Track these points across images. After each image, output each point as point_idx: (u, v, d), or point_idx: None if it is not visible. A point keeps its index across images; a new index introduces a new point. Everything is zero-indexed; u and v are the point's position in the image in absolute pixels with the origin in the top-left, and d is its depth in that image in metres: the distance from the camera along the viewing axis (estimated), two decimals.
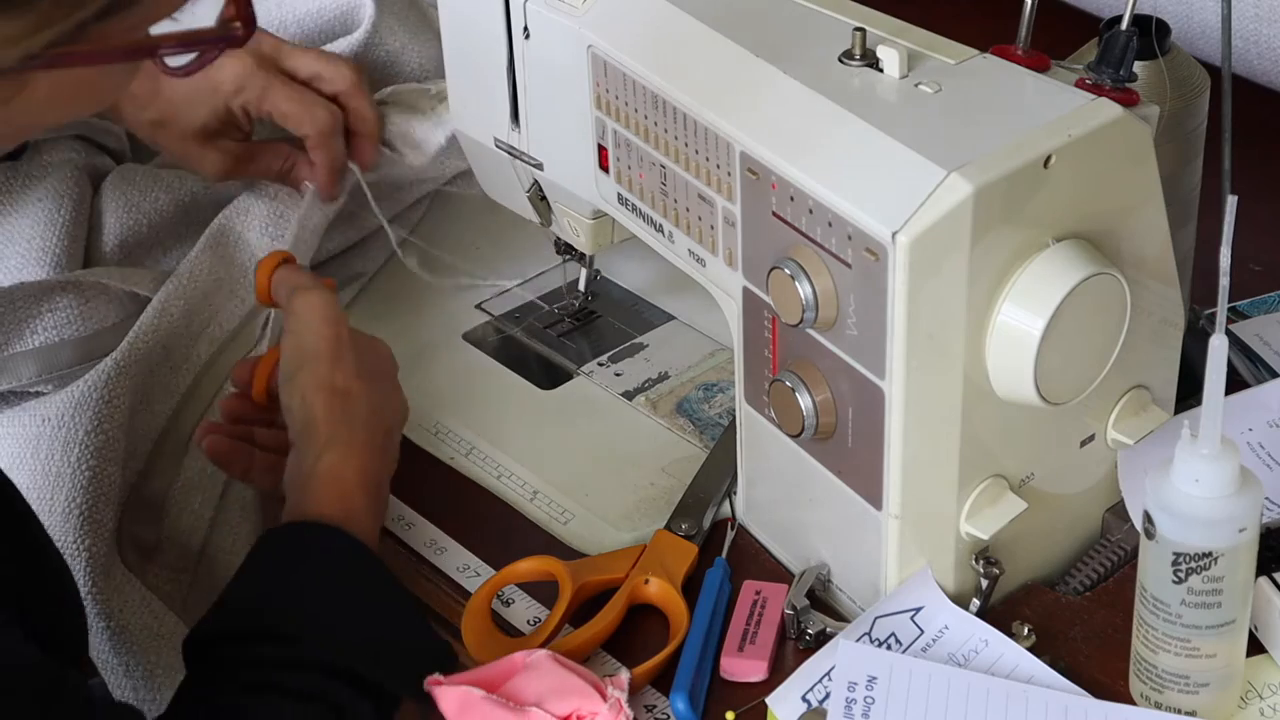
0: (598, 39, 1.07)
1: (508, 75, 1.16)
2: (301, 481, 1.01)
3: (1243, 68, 1.40)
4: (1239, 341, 1.18)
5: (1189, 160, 1.09)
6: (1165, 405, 1.04)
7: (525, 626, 1.05)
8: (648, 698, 0.99)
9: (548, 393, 1.24)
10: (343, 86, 1.26)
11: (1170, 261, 1.00)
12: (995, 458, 0.97)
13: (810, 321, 0.94)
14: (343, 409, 1.03)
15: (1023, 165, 0.89)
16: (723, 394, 1.21)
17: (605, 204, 1.13)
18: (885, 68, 0.96)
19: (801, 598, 1.01)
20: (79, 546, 1.11)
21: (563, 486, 1.15)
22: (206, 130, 1.25)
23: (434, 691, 0.94)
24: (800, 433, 0.98)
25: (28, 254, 1.24)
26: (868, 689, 0.93)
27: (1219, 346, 0.85)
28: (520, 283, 1.34)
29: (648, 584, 1.05)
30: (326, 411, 1.03)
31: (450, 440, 1.20)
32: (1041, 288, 0.91)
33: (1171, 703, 0.93)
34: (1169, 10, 1.36)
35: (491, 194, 1.28)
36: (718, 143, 0.99)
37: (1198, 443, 0.87)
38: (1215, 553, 0.88)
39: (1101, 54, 0.97)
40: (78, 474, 1.12)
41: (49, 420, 1.13)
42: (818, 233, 0.93)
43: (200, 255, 1.24)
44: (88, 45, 0.72)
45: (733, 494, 1.11)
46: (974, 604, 0.99)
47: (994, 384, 0.93)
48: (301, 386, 1.04)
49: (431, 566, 1.10)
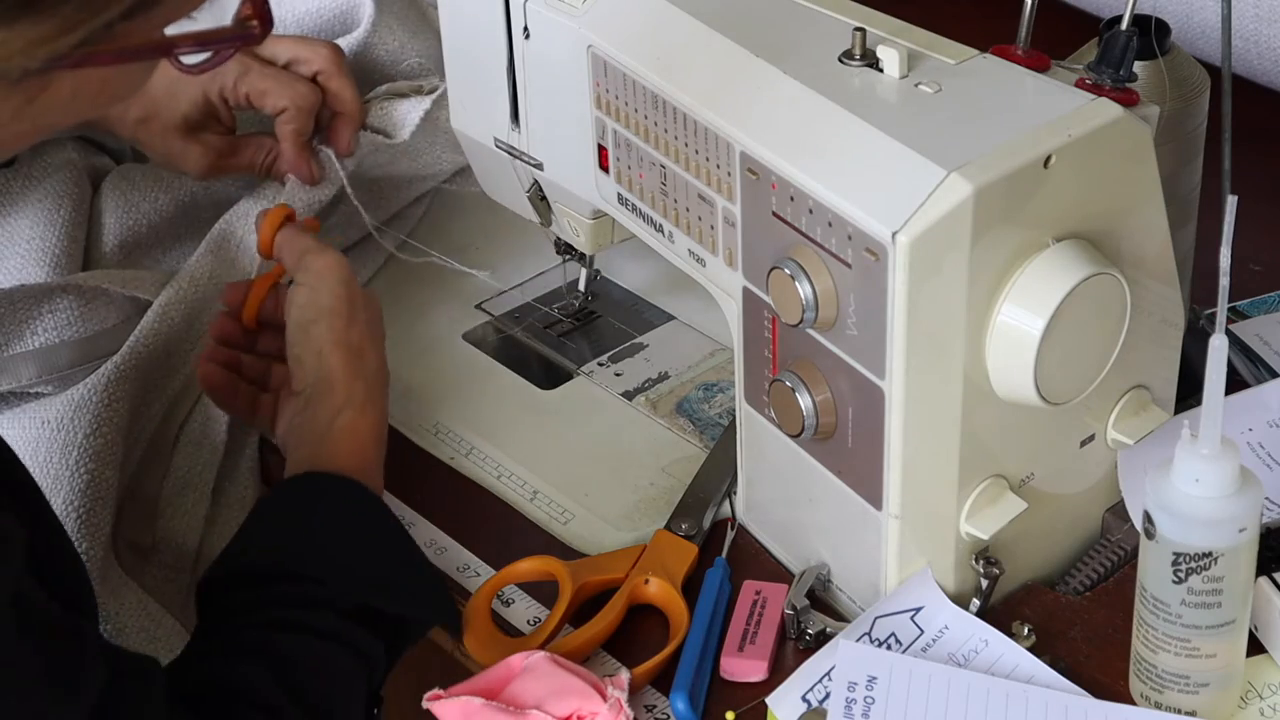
0: (598, 39, 1.07)
1: (508, 75, 1.16)
2: (318, 436, 1.04)
3: (1243, 68, 1.40)
4: (1239, 341, 1.18)
5: (1189, 160, 1.09)
6: (1165, 405, 1.04)
7: (525, 626, 1.05)
8: (648, 698, 0.99)
9: (548, 393, 1.24)
10: (321, 66, 1.27)
11: (1170, 261, 1.00)
12: (995, 458, 0.97)
13: (810, 321, 0.94)
14: (358, 366, 1.06)
15: (1023, 165, 0.89)
16: (723, 394, 1.21)
17: (605, 204, 1.13)
18: (885, 68, 0.96)
19: (801, 598, 1.01)
20: (76, 549, 1.11)
21: (563, 486, 1.15)
22: (188, 123, 1.26)
23: (433, 706, 0.95)
24: (800, 433, 0.98)
25: (27, 254, 1.24)
26: (868, 689, 0.93)
27: (1219, 346, 0.85)
28: (520, 283, 1.34)
29: (648, 584, 1.05)
30: (344, 369, 1.05)
31: (450, 440, 1.20)
32: (1041, 288, 0.91)
33: (1171, 703, 0.93)
34: (1169, 10, 1.36)
35: (491, 194, 1.28)
36: (718, 143, 0.99)
37: (1198, 443, 0.87)
38: (1215, 553, 0.88)
39: (1101, 54, 0.97)
40: (76, 477, 1.12)
41: (48, 423, 1.13)
42: (818, 233, 0.93)
43: (201, 259, 1.24)
44: (112, 45, 0.73)
45: (733, 494, 1.11)
46: (974, 604, 0.99)
47: (994, 384, 0.93)
48: (318, 340, 1.06)
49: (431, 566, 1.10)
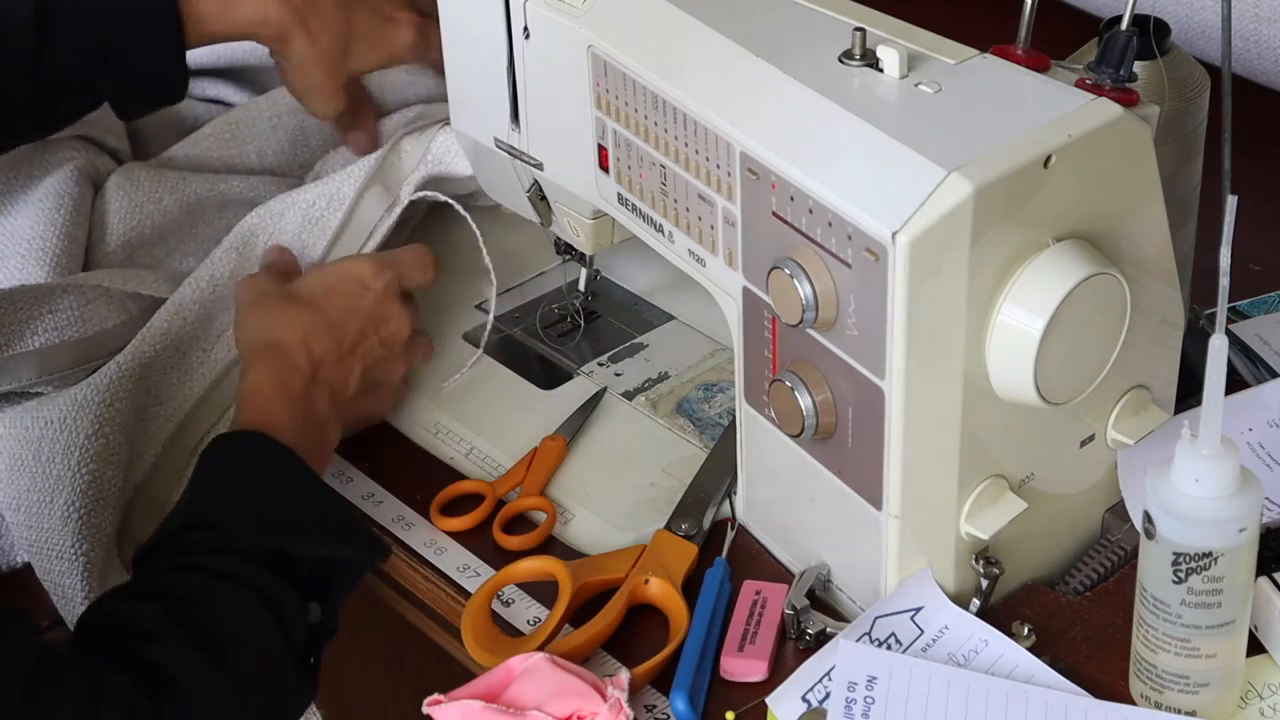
0: (598, 39, 1.07)
1: (508, 75, 1.16)
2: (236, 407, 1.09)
3: (1243, 68, 1.40)
4: (1239, 341, 1.18)
5: (1189, 160, 1.09)
6: (1165, 405, 1.04)
7: (525, 626, 1.05)
8: (648, 698, 1.00)
9: (548, 393, 1.24)
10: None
11: (1170, 261, 1.00)
12: (995, 458, 0.97)
13: (810, 321, 0.94)
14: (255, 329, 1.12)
15: (1023, 165, 0.89)
16: (723, 394, 1.21)
17: (605, 204, 1.13)
18: (885, 68, 0.96)
19: (801, 598, 1.01)
20: (77, 550, 1.11)
21: (562, 486, 1.15)
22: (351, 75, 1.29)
23: (434, 711, 0.95)
24: (800, 433, 0.98)
25: (28, 254, 1.24)
26: (868, 689, 0.93)
27: (1219, 346, 0.85)
28: (520, 283, 1.34)
29: (648, 584, 1.05)
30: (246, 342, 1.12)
31: (450, 440, 1.20)
32: (1041, 288, 0.91)
33: (1171, 703, 0.93)
34: (1169, 10, 1.36)
35: (491, 194, 1.28)
36: (718, 143, 0.99)
37: (1198, 443, 0.87)
38: (1215, 553, 0.88)
39: (1101, 54, 0.97)
40: (78, 477, 1.12)
41: (51, 423, 1.13)
42: (818, 233, 0.93)
43: (223, 256, 1.23)
44: None
45: (733, 494, 1.11)
46: (974, 604, 0.99)
47: (994, 384, 0.93)
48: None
49: (431, 566, 1.10)
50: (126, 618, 0.93)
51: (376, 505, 1.15)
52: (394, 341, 1.16)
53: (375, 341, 1.15)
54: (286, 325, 1.11)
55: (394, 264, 1.19)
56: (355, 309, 1.14)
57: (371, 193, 1.25)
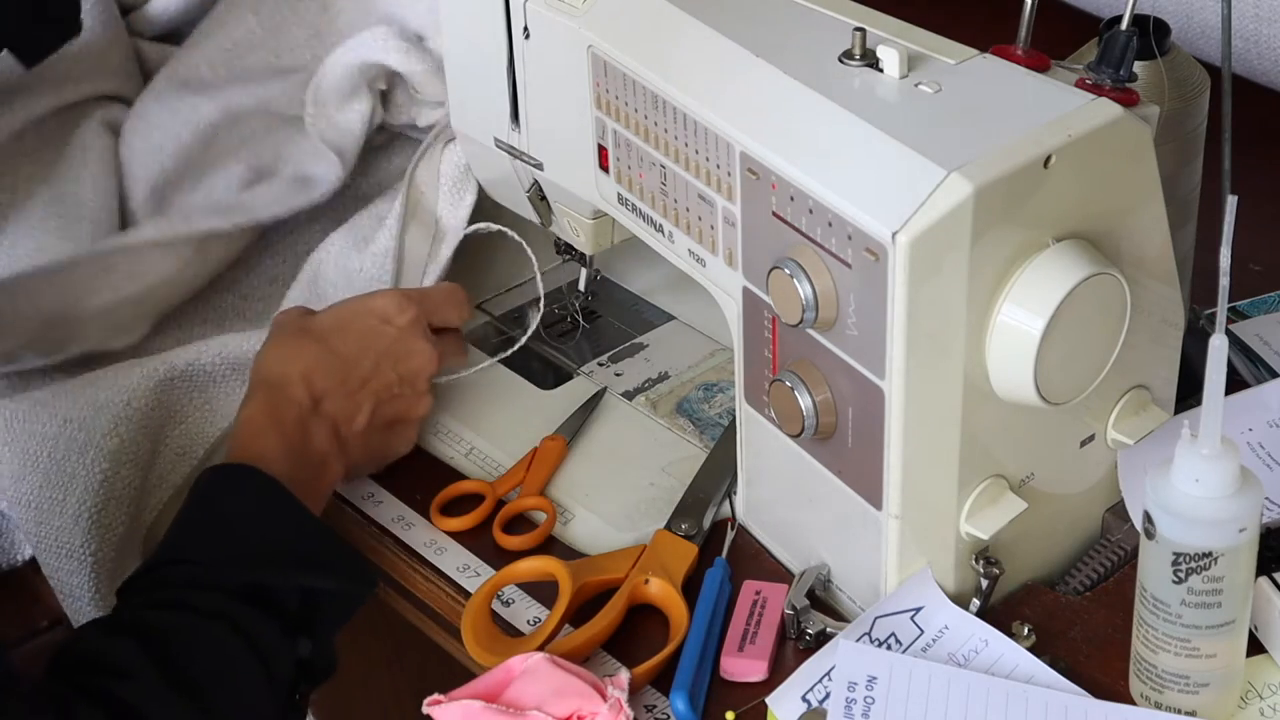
0: (598, 39, 1.07)
1: (508, 75, 1.16)
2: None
3: (1243, 68, 1.40)
4: (1239, 341, 1.18)
5: (1189, 160, 1.09)
6: (1165, 405, 1.04)
7: (525, 626, 1.05)
8: (648, 698, 1.00)
9: (548, 393, 1.24)
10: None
11: (1170, 261, 1.00)
12: (995, 458, 0.97)
13: (810, 321, 0.94)
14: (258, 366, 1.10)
15: (1023, 165, 0.89)
16: (723, 394, 1.21)
17: (605, 204, 1.13)
18: (885, 68, 0.96)
19: (801, 598, 1.01)
20: (85, 550, 1.11)
21: (563, 486, 1.15)
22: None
23: (434, 711, 0.95)
24: (800, 433, 0.98)
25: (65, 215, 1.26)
26: (868, 689, 0.93)
27: (1219, 346, 0.85)
28: (520, 283, 1.34)
29: (648, 584, 1.05)
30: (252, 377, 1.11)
31: (450, 440, 1.20)
32: (1041, 288, 0.91)
33: (1171, 703, 0.93)
34: (1169, 10, 1.36)
35: (491, 194, 1.28)
36: (718, 143, 0.99)
37: (1198, 443, 0.87)
38: (1215, 553, 0.88)
39: (1101, 54, 0.97)
40: (90, 476, 1.12)
41: (70, 420, 1.13)
42: (818, 233, 0.93)
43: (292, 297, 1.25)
44: None
45: (733, 494, 1.11)
46: (974, 604, 0.99)
47: (994, 384, 0.93)
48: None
49: (431, 567, 1.10)
50: (102, 653, 0.92)
51: (376, 505, 1.15)
52: (416, 378, 1.13)
53: (394, 379, 1.12)
54: (292, 359, 1.09)
55: (422, 300, 1.16)
56: (371, 344, 1.12)
57: (411, 234, 1.25)
